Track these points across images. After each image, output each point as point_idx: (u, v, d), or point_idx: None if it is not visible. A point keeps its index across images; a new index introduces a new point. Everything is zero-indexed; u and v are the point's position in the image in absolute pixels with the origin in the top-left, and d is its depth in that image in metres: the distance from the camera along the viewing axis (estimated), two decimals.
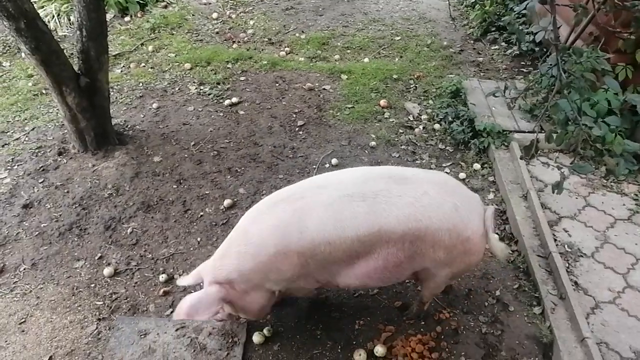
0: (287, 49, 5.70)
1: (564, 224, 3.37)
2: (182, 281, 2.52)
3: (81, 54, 3.69)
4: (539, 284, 2.95)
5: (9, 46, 5.59)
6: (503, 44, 5.70)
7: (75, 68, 3.74)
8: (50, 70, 3.51)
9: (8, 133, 4.32)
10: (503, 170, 3.82)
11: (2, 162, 3.95)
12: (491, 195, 3.76)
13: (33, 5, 3.27)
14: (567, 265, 3.05)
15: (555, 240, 3.19)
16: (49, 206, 3.59)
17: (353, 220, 2.20)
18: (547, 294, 2.89)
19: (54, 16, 5.97)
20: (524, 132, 4.15)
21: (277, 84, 5.03)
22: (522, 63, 5.35)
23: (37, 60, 3.43)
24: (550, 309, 2.80)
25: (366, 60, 5.49)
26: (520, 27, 5.26)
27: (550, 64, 4.40)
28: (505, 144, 4.08)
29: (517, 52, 5.42)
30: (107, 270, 3.11)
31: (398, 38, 5.92)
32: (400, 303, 2.97)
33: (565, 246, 3.20)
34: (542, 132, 3.74)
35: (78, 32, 3.61)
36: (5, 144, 4.18)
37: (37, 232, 3.39)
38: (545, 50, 5.30)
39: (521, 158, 3.51)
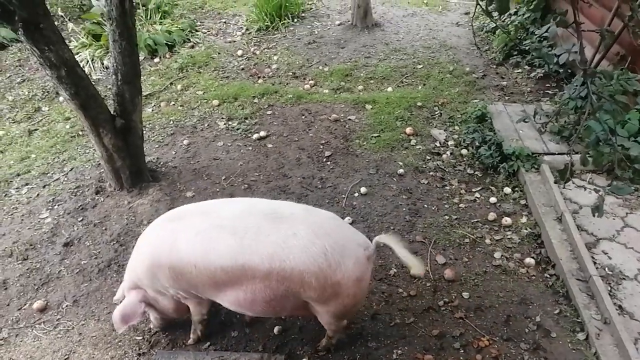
0: (311, 81, 5.83)
1: (602, 246, 3.30)
2: (115, 297, 2.81)
3: (116, 96, 3.85)
4: (581, 308, 2.88)
5: (48, 91, 5.86)
6: (526, 67, 5.71)
7: (111, 110, 3.90)
8: (89, 113, 3.67)
9: (48, 174, 4.50)
10: (535, 193, 3.79)
11: (44, 203, 4.11)
12: (524, 219, 3.72)
13: (72, 53, 3.45)
14: (609, 288, 2.97)
15: (594, 263, 3.12)
16: (88, 244, 3.69)
17: (217, 251, 2.30)
18: (591, 319, 2.81)
19: (88, 61, 6.25)
20: (554, 154, 4.12)
21: (303, 117, 5.12)
22: (547, 85, 5.35)
23: (76, 105, 3.60)
24: (595, 335, 2.73)
25: (390, 89, 5.57)
26: (546, 50, 5.28)
27: (576, 86, 4.42)
28: (535, 166, 4.05)
29: (541, 75, 5.42)
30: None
31: (420, 66, 6.00)
32: (437, 331, 2.94)
33: (606, 269, 3.12)
34: (574, 153, 3.71)
35: (114, 76, 3.79)
36: (46, 185, 4.35)
37: (77, 270, 3.48)
38: (569, 71, 5.30)
39: (556, 182, 3.47)
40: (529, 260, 3.34)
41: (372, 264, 2.38)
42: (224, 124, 5.08)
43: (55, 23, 3.38)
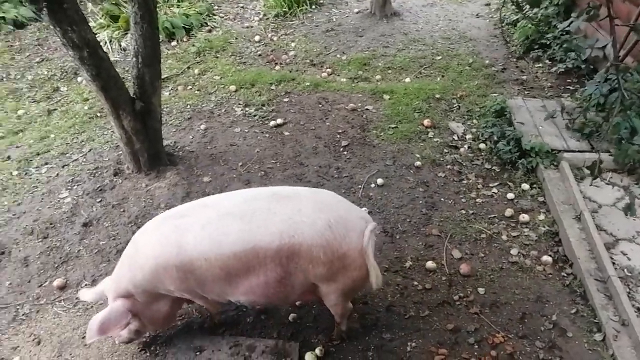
0: (328, 70, 5.80)
1: (621, 247, 3.28)
2: (84, 296, 2.68)
3: (137, 79, 3.85)
4: (598, 309, 2.88)
5: (66, 71, 5.89)
6: (547, 61, 5.64)
7: (131, 92, 3.91)
8: (109, 95, 3.69)
9: (67, 154, 4.54)
10: (553, 190, 3.76)
11: (63, 182, 4.15)
12: (542, 216, 3.70)
13: (94, 35, 3.45)
14: (628, 290, 2.96)
15: (613, 263, 3.10)
16: (106, 224, 3.73)
17: (228, 237, 2.30)
18: (608, 320, 2.80)
19: (106, 42, 6.26)
20: (574, 151, 4.07)
21: (320, 105, 5.11)
22: (568, 80, 5.27)
23: (97, 86, 3.61)
24: (612, 336, 2.72)
25: (408, 80, 5.52)
26: (577, 42, 5.18)
27: (599, 82, 4.35)
28: (555, 163, 4.01)
29: (563, 70, 5.35)
30: None
31: (439, 57, 5.94)
32: (452, 326, 2.95)
33: (625, 270, 3.10)
34: (602, 152, 3.66)
35: (134, 59, 3.79)
36: (65, 165, 4.39)
37: (96, 250, 3.53)
38: (591, 67, 5.22)
39: (581, 179, 3.44)
40: (546, 258, 3.33)
41: (374, 237, 2.43)
42: (241, 110, 5.07)
43: None
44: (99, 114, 5.09)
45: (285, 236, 2.28)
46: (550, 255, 3.36)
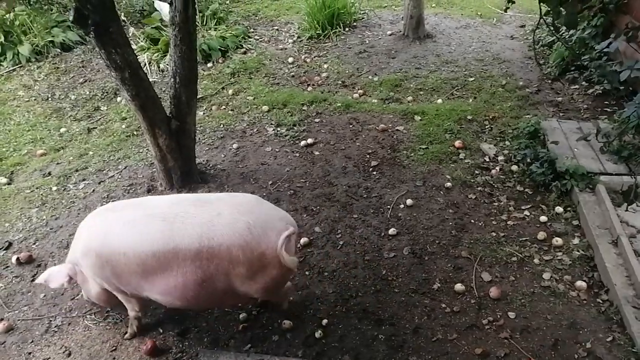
0: (360, 91, 5.84)
1: None
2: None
3: (173, 99, 3.99)
4: (636, 337, 2.75)
5: (107, 92, 6.14)
6: (584, 83, 5.53)
7: (167, 112, 4.04)
8: (147, 114, 3.82)
9: (104, 171, 4.70)
10: (589, 214, 3.65)
11: (99, 198, 4.29)
12: (576, 240, 3.59)
13: (136, 57, 3.60)
14: None
15: None
16: None
17: (148, 236, 2.48)
18: None
19: (145, 64, 6.50)
20: (611, 174, 3.96)
21: (350, 125, 5.14)
22: (606, 102, 5.15)
23: (136, 106, 3.75)
24: None
25: (439, 101, 5.51)
26: (609, 69, 5.08)
27: (638, 104, 4.23)
28: (591, 186, 3.90)
29: (600, 92, 5.23)
30: None
31: (472, 79, 5.91)
32: (481, 350, 2.87)
33: None
34: (632, 175, 3.56)
35: (172, 79, 3.93)
36: (102, 181, 4.55)
37: None
38: (630, 89, 5.08)
39: (618, 205, 3.33)
40: (581, 284, 3.22)
41: (294, 238, 2.59)
42: (273, 129, 5.16)
43: None
44: (135, 133, 5.26)
45: (204, 238, 2.44)
46: (584, 281, 3.25)
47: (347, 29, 7.43)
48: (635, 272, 3.05)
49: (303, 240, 3.71)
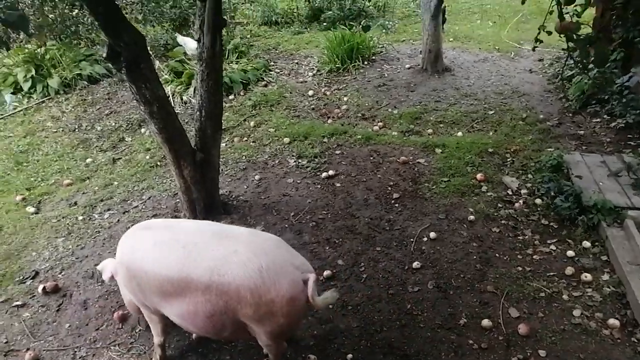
0: (380, 123, 5.89)
1: None
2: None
3: (199, 131, 4.06)
4: None
5: (132, 123, 6.28)
6: (605, 116, 5.51)
7: (192, 144, 4.11)
8: (173, 146, 3.89)
9: (128, 201, 4.77)
10: (618, 249, 3.58)
11: (124, 228, 4.33)
12: (606, 276, 3.51)
13: (164, 91, 3.70)
14: None
15: None
16: None
17: (166, 261, 2.54)
18: None
19: (169, 96, 6.65)
20: (639, 209, 3.90)
21: (371, 158, 5.17)
22: (629, 136, 5.12)
23: (163, 138, 3.82)
24: None
25: (460, 134, 5.53)
26: (634, 96, 5.06)
27: None
28: (618, 221, 3.84)
29: (622, 125, 5.21)
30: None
31: (492, 112, 5.93)
32: None
33: None
34: None
35: (198, 113, 4.01)
36: (126, 211, 4.61)
37: None
38: None
39: None
40: (613, 322, 3.13)
41: (311, 288, 2.47)
42: (294, 161, 5.21)
43: None
44: (159, 164, 5.35)
45: (215, 274, 2.44)
46: (617, 318, 3.16)
47: (366, 63, 7.55)
48: None
49: (326, 273, 3.69)
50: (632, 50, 5.65)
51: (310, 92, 6.80)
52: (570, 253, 3.75)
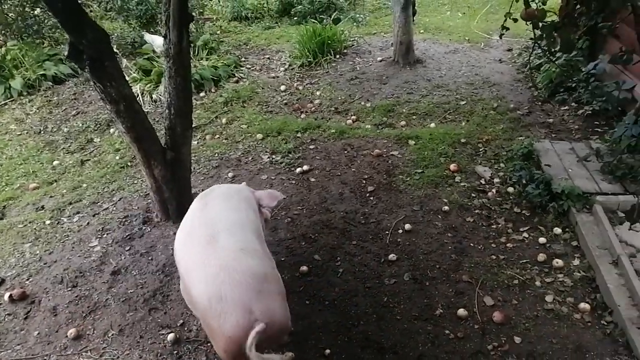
0: (353, 117, 5.88)
1: None
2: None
3: (168, 130, 3.97)
4: None
5: (100, 123, 6.13)
6: (573, 104, 5.61)
7: (162, 143, 4.02)
8: (142, 146, 3.80)
9: (98, 203, 4.65)
10: (588, 234, 3.65)
11: (94, 231, 4.23)
12: (577, 261, 3.58)
13: (131, 89, 3.61)
14: None
15: None
16: (134, 273, 3.76)
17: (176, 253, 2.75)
18: None
19: (138, 95, 6.51)
20: (607, 194, 3.98)
21: (345, 152, 5.15)
22: (596, 123, 5.22)
23: (132, 138, 3.73)
24: None
25: (432, 125, 5.55)
26: (605, 88, 5.16)
27: (628, 123, 4.30)
28: (587, 207, 3.91)
29: (590, 112, 5.30)
30: (171, 336, 3.20)
31: (463, 102, 5.98)
32: None
33: None
34: (634, 195, 3.58)
35: (167, 110, 3.92)
36: (96, 214, 4.49)
37: (124, 299, 3.54)
38: (619, 108, 5.16)
39: (620, 224, 3.34)
40: (584, 306, 3.19)
41: (250, 339, 2.16)
42: (268, 157, 5.15)
43: None
44: (129, 164, 5.24)
45: (193, 275, 2.49)
46: (588, 302, 3.22)
47: (337, 56, 7.52)
48: (638, 292, 3.04)
49: (302, 269, 3.67)
50: (597, 37, 5.76)
51: (283, 87, 6.74)
52: (542, 240, 3.80)
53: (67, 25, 3.13)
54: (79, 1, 3.31)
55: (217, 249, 2.46)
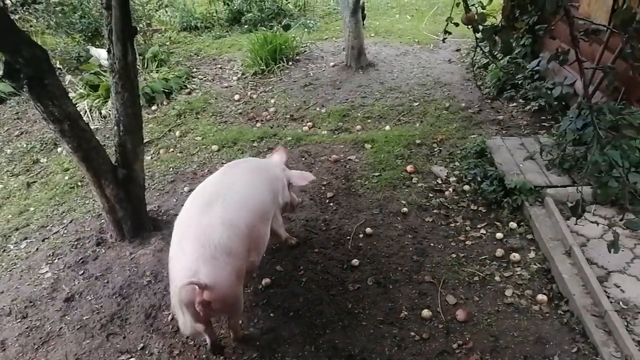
0: (309, 123, 5.87)
1: (614, 279, 3.25)
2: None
3: (119, 147, 3.84)
4: (599, 346, 2.81)
5: (46, 143, 5.88)
6: (520, 100, 5.80)
7: (112, 160, 3.89)
8: (91, 165, 3.66)
9: (47, 227, 4.45)
10: (541, 227, 3.76)
11: (43, 257, 4.04)
12: (532, 254, 3.68)
13: (75, 107, 3.47)
14: (625, 323, 2.90)
15: (608, 297, 3.07)
16: (89, 298, 3.61)
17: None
18: (610, 356, 2.74)
19: (86, 111, 6.29)
20: (557, 186, 4.11)
21: (303, 158, 5.13)
22: (543, 118, 5.41)
23: (79, 157, 3.59)
24: None
25: (387, 128, 5.61)
26: (545, 90, 5.36)
27: (572, 118, 4.47)
28: (539, 200, 4.04)
29: (536, 108, 5.49)
30: None
31: (416, 104, 6.07)
32: None
33: (620, 303, 3.06)
34: (583, 185, 3.70)
35: (115, 127, 3.79)
36: (46, 238, 4.29)
37: (79, 326, 3.39)
38: (563, 103, 5.37)
39: (568, 218, 3.45)
40: (541, 297, 3.28)
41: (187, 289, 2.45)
42: None
43: None
44: (79, 184, 5.04)
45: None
46: (545, 294, 3.31)
47: (290, 63, 7.51)
48: (590, 280, 3.15)
49: (265, 281, 3.61)
50: (537, 37, 5.98)
51: (237, 97, 6.67)
52: (499, 235, 3.89)
53: (1, 43, 2.98)
54: (15, 17, 3.15)
55: (204, 216, 2.73)
